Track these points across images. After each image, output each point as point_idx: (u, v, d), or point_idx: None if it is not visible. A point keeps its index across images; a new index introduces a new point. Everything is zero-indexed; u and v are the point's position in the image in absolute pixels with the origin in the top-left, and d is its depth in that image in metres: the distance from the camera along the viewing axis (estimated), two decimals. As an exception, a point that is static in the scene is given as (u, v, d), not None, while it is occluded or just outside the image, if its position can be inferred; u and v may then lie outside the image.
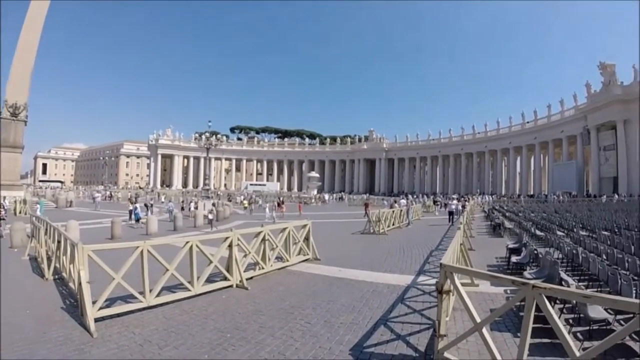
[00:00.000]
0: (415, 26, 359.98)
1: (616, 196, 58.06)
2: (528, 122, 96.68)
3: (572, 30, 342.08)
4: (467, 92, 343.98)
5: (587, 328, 7.49)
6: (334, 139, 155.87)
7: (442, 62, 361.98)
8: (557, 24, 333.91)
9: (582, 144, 77.93)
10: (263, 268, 13.23)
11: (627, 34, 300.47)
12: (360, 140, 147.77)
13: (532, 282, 5.03)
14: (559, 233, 21.26)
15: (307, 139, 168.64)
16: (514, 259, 14.17)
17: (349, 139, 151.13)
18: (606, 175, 70.60)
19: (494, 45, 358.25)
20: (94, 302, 8.24)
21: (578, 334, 7.59)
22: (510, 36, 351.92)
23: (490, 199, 75.56)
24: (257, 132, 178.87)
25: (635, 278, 9.58)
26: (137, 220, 30.58)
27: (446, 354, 6.24)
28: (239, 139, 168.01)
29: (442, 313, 6.40)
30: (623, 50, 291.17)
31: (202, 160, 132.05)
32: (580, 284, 11.05)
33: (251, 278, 12.42)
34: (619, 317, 7.38)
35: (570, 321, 8.22)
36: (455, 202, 42.90)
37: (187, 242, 10.44)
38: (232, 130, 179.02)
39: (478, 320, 5.75)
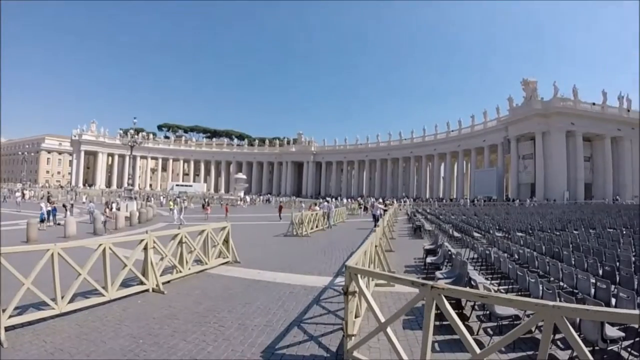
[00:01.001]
0: (342, 36, 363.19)
1: (528, 201, 64.96)
2: (453, 131, 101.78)
3: (500, 46, 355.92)
4: (397, 100, 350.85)
5: (496, 324, 7.83)
6: (262, 141, 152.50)
7: (372, 71, 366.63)
8: (488, 39, 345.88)
9: (503, 152, 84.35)
10: (181, 271, 12.67)
11: (549, 51, 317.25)
12: (289, 142, 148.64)
13: (430, 282, 5.13)
14: (475, 234, 21.91)
15: (235, 140, 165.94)
16: (429, 259, 14.37)
17: (277, 141, 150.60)
18: (524, 182, 77.36)
19: (425, 56, 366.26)
20: (3, 310, 7.64)
21: (489, 329, 8.02)
22: (443, 46, 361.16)
23: (410, 202, 79.33)
24: (186, 131, 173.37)
25: (545, 275, 9.83)
26: (42, 220, 28.68)
27: (355, 354, 6.27)
28: (166, 137, 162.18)
29: (349, 314, 6.47)
30: (545, 67, 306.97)
31: (127, 159, 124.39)
32: (492, 282, 11.65)
33: (168, 282, 11.90)
34: (529, 311, 7.43)
35: (482, 318, 8.41)
36: (381, 206, 43.43)
37: (100, 245, 9.79)
38: (160, 128, 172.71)
39: (382, 320, 5.81)
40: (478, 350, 4.48)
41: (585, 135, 73.30)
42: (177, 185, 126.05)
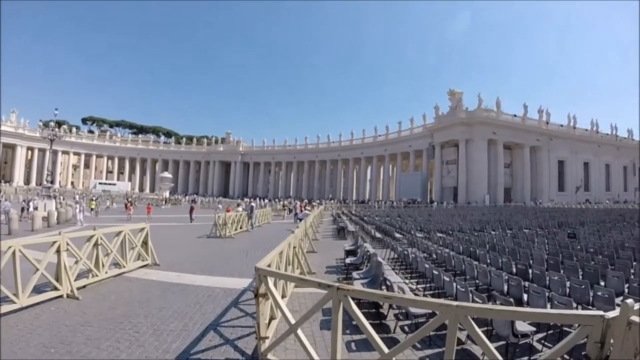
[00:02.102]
0: (271, 38, 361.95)
1: (444, 203, 69.46)
2: (380, 136, 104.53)
3: (431, 56, 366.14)
4: (325, 103, 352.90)
5: (410, 322, 7.97)
6: (190, 139, 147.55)
7: (304, 71, 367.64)
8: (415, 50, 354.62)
9: (428, 157, 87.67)
10: (97, 275, 11.79)
11: (479, 64, 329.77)
12: (217, 142, 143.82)
13: (336, 284, 5.11)
14: (397, 235, 22.12)
15: (163, 137, 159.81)
16: (349, 260, 14.22)
17: (205, 140, 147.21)
18: (448, 186, 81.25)
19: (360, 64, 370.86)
20: None
21: (405, 327, 8.08)
22: (378, 54, 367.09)
23: (331, 203, 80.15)
24: (112, 126, 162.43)
25: (461, 274, 9.95)
26: None
27: (270, 356, 6.24)
28: (90, 131, 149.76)
29: (261, 316, 6.36)
30: (473, 78, 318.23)
31: (47, 154, 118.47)
32: (411, 281, 12.14)
33: (84, 287, 11.09)
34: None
35: (399, 316, 8.54)
36: (307, 210, 43.34)
37: (10, 247, 8.91)
38: (85, 121, 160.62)
39: (292, 322, 5.74)
40: (386, 350, 4.48)
41: (506, 143, 78.93)
42: (100, 183, 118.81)
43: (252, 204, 40.27)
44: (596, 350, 3.32)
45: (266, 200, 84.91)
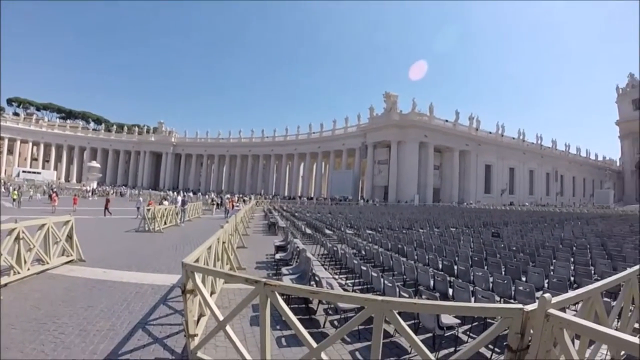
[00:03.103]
0: (216, 35, 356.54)
1: (370, 201, 72.25)
2: (314, 133, 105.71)
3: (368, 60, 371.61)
4: (266, 100, 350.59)
5: (339, 317, 7.91)
6: (121, 127, 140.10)
7: (244, 66, 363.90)
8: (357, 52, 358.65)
9: (360, 156, 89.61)
10: (19, 273, 10.89)
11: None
12: (148, 131, 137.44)
13: (263, 280, 5.06)
14: (327, 232, 22.16)
15: (92, 124, 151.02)
16: (278, 255, 14.14)
17: (137, 129, 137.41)
18: (379, 184, 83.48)
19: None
20: None
21: (335, 322, 8.07)
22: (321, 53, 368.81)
23: (263, 198, 79.86)
24: (39, 109, 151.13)
25: (389, 270, 10.11)
26: None
27: (200, 354, 6.03)
28: (15, 114, 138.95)
29: (189, 313, 6.19)
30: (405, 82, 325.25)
31: None
32: (340, 277, 12.12)
33: (5, 285, 10.27)
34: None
35: (329, 311, 8.54)
36: (237, 205, 42.90)
37: None
38: (10, 102, 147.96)
39: (221, 318, 5.60)
40: (314, 345, 4.50)
41: (437, 147, 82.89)
42: (23, 171, 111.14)
43: (181, 197, 39.34)
44: (517, 341, 3.41)
45: (203, 195, 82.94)
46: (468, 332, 7.29)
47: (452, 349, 6.69)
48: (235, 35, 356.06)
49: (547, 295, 3.39)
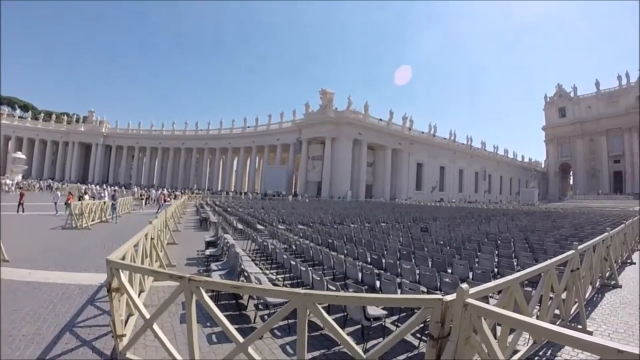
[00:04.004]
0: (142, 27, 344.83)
1: (300, 196, 72.81)
2: (249, 127, 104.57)
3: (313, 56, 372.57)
4: (202, 93, 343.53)
5: (269, 312, 7.94)
6: (49, 115, 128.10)
7: (179, 55, 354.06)
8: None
9: (294, 152, 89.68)
10: None
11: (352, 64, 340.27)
12: (78, 120, 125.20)
13: (187, 275, 4.95)
14: (259, 227, 22.07)
15: (19, 110, 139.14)
16: (209, 251, 13.88)
17: (66, 117, 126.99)
18: (312, 180, 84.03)
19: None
20: None
21: (265, 317, 8.02)
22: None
23: (195, 193, 78.71)
24: None
25: (319, 264, 10.28)
26: None
27: (129, 355, 5.88)
28: None
29: (115, 312, 5.98)
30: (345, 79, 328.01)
31: None
32: (271, 272, 12.15)
33: None
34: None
35: (260, 306, 8.48)
36: (168, 199, 42.04)
37: None
38: None
39: (147, 316, 5.48)
40: (241, 340, 4.50)
41: (371, 144, 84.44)
42: None
43: (107, 192, 37.99)
44: (437, 329, 3.47)
45: (122, 189, 78.97)
46: (396, 323, 7.42)
47: (380, 339, 6.75)
48: (169, 23, 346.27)
49: (464, 285, 3.50)
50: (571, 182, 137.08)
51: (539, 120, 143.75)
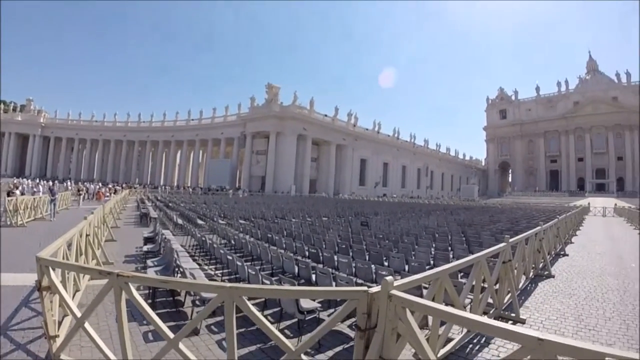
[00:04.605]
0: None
1: (240, 191, 72.05)
2: (193, 120, 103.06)
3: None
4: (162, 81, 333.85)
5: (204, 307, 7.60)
6: None
7: (125, 41, 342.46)
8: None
9: (239, 146, 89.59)
10: None
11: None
12: (15, 109, 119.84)
13: (116, 271, 4.80)
14: (199, 222, 21.75)
15: None
16: (146, 247, 13.63)
17: (2, 106, 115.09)
18: (256, 175, 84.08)
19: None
20: None
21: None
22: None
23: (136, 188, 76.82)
24: None
25: (258, 259, 10.56)
26: None
27: (63, 356, 5.63)
28: None
29: (47, 312, 5.72)
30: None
31: None
32: (210, 267, 11.92)
33: None
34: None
35: (197, 302, 8.17)
36: (107, 195, 40.94)
37: None
38: None
39: (79, 315, 5.28)
40: (171, 335, 4.43)
41: (315, 140, 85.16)
42: None
43: (42, 187, 36.52)
44: (364, 321, 3.51)
45: (60, 183, 75.61)
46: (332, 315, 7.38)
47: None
48: (110, 6, 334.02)
49: (389, 277, 3.54)
50: (510, 179, 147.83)
51: (481, 121, 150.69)
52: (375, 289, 3.56)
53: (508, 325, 2.92)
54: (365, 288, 3.61)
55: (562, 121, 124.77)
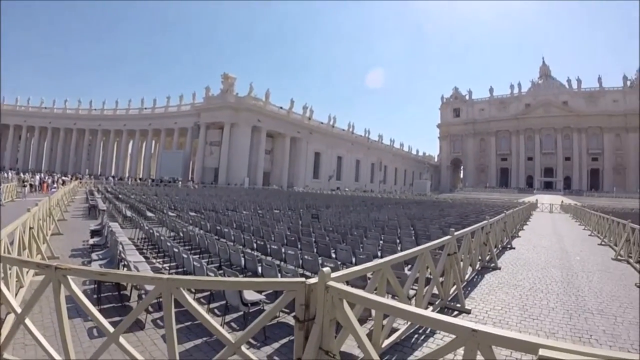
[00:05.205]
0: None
1: (190, 183, 72.75)
2: (146, 109, 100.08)
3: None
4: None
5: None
6: None
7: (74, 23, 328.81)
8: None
9: (192, 136, 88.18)
10: None
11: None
12: None
13: (54, 264, 4.61)
14: (149, 214, 21.40)
15: None
16: (92, 240, 13.24)
17: None
18: (210, 166, 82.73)
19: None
20: None
21: (149, 307, 7.52)
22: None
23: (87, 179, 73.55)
24: None
25: (206, 251, 10.99)
26: None
27: (6, 355, 5.34)
28: None
29: None
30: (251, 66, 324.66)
31: None
32: (158, 260, 12.03)
33: None
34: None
35: (143, 296, 7.78)
36: (54, 186, 39.72)
37: None
38: None
39: (19, 311, 4.97)
40: (111, 330, 4.29)
41: (270, 132, 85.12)
42: None
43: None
44: (302, 312, 3.50)
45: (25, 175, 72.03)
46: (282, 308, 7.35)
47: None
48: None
49: (325, 269, 3.55)
50: (462, 175, 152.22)
51: (435, 119, 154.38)
52: (313, 280, 3.56)
53: (441, 316, 2.97)
54: (303, 279, 3.59)
55: (514, 122, 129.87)
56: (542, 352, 2.13)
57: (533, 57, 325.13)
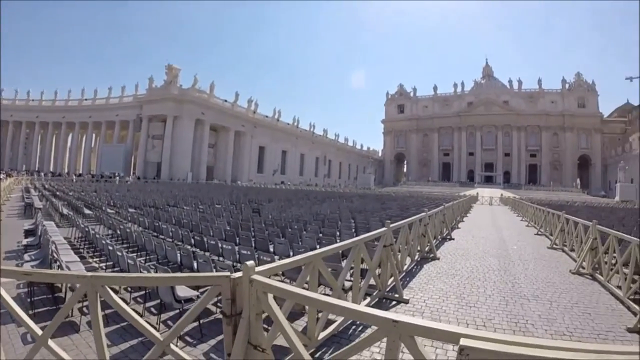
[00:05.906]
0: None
1: (128, 178, 71.47)
2: (86, 100, 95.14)
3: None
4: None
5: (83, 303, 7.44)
6: None
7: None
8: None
9: (134, 130, 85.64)
10: None
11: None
12: None
13: None
14: (87, 212, 20.81)
15: None
16: (26, 241, 12.79)
17: None
18: (152, 160, 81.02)
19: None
20: None
21: (84, 309, 7.35)
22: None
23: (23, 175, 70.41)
24: None
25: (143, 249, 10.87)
26: None
27: None
28: None
29: None
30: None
31: None
32: (95, 259, 11.72)
33: None
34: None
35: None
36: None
37: None
38: None
39: None
40: (40, 332, 4.11)
41: (213, 125, 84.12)
42: None
43: None
44: (229, 306, 3.51)
45: None
46: (217, 304, 7.31)
47: (196, 323, 6.65)
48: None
49: (249, 262, 3.54)
50: (405, 169, 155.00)
51: (379, 114, 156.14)
52: (238, 274, 3.56)
53: (364, 308, 3.05)
54: (227, 273, 3.60)
55: (456, 119, 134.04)
56: (462, 341, 2.20)
57: (477, 57, 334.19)
